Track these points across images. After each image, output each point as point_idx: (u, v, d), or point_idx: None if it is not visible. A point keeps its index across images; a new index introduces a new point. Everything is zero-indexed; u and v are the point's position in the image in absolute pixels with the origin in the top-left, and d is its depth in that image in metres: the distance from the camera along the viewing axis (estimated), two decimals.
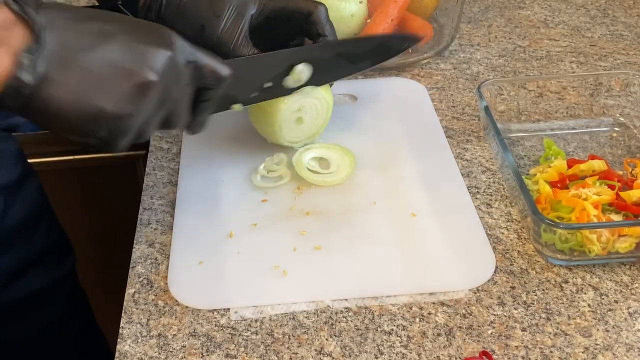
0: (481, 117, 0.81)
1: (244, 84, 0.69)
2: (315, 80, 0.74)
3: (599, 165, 0.73)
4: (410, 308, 0.63)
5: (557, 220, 0.66)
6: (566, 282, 0.65)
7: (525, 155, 0.79)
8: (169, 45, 0.58)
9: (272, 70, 0.71)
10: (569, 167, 0.74)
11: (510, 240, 0.69)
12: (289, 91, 0.73)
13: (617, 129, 0.83)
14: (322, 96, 0.76)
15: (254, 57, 0.71)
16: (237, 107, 0.70)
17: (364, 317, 0.62)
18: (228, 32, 0.72)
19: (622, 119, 0.83)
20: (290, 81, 0.72)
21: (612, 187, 0.70)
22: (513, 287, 0.65)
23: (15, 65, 0.52)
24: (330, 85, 0.78)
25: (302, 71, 0.72)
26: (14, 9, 0.53)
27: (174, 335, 0.62)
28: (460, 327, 0.61)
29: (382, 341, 0.60)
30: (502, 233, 0.70)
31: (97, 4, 0.80)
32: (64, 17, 0.55)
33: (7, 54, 0.52)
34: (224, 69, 0.62)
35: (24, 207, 0.87)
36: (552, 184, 0.71)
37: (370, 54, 0.77)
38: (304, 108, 0.76)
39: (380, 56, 0.78)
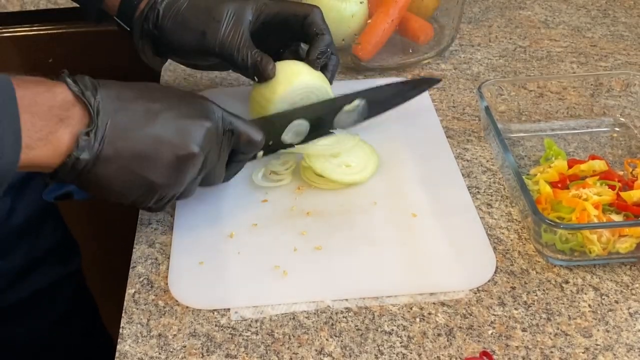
0: (482, 117, 0.81)
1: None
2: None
3: (599, 165, 0.73)
4: (411, 308, 0.63)
5: (558, 221, 0.66)
6: (567, 282, 0.65)
7: (525, 156, 0.79)
8: (210, 117, 0.64)
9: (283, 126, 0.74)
10: (570, 167, 0.74)
11: (511, 240, 0.69)
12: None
13: (617, 129, 0.83)
14: (327, 92, 0.76)
15: (279, 114, 0.75)
16: (259, 155, 0.73)
17: (365, 317, 0.62)
18: (230, 36, 0.73)
19: (622, 119, 0.83)
20: (287, 136, 0.74)
21: (612, 188, 0.70)
22: (513, 288, 0.65)
23: (74, 144, 0.57)
24: (331, 83, 0.79)
25: (299, 125, 0.74)
26: (74, 90, 0.58)
27: (174, 335, 0.62)
28: (460, 327, 0.61)
29: (383, 341, 0.60)
30: (503, 233, 0.70)
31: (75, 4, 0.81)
32: (114, 96, 0.60)
33: (69, 133, 0.57)
34: (257, 135, 0.68)
35: (30, 206, 0.87)
36: (553, 184, 0.71)
37: (388, 100, 0.81)
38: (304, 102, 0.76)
39: (398, 100, 0.82)
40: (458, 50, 0.98)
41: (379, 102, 0.79)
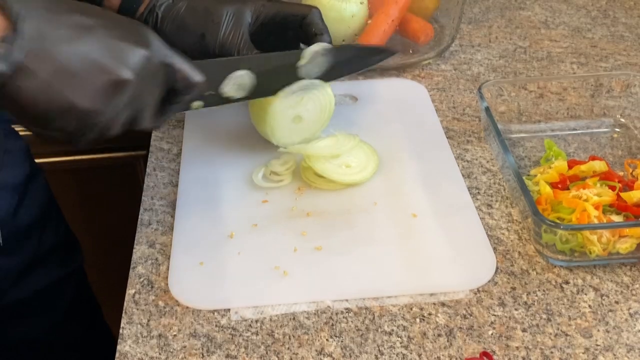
0: (482, 117, 0.81)
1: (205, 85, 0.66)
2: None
3: (599, 166, 0.73)
4: (411, 308, 0.63)
5: (558, 221, 0.66)
6: (567, 282, 0.65)
7: (525, 156, 0.79)
8: (147, 44, 0.58)
9: (223, 73, 0.70)
10: (570, 167, 0.74)
11: (511, 241, 0.69)
12: (228, 100, 0.71)
13: (617, 129, 0.83)
14: (325, 91, 0.76)
15: (219, 60, 0.70)
16: (196, 104, 0.68)
17: (365, 317, 0.62)
18: (229, 38, 0.72)
19: (622, 120, 0.83)
20: (227, 87, 0.70)
21: (612, 188, 0.70)
22: (514, 288, 0.65)
23: None
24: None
25: (242, 76, 0.70)
26: None
27: (175, 335, 0.62)
28: (460, 327, 0.61)
29: (383, 342, 0.60)
30: (503, 234, 0.70)
31: None
32: (43, 6, 0.54)
33: None
34: (196, 75, 0.62)
35: (34, 205, 0.87)
36: (553, 185, 0.72)
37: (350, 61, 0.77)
38: (304, 103, 0.75)
39: (360, 64, 0.78)
40: (458, 51, 0.98)
41: (341, 63, 0.76)
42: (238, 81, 0.70)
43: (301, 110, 0.75)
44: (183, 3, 0.75)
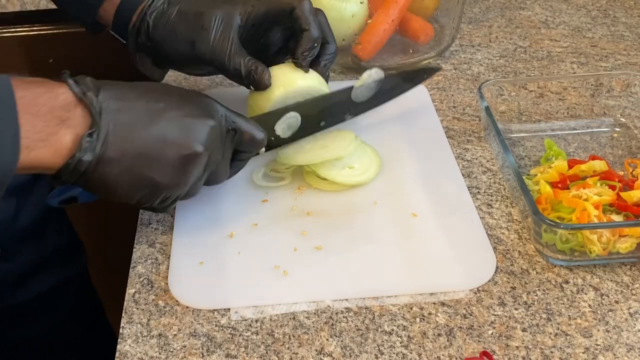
0: (482, 117, 0.81)
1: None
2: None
3: (599, 165, 0.73)
4: (411, 308, 0.63)
5: (558, 221, 0.66)
6: (567, 282, 0.65)
7: (525, 156, 0.79)
8: (213, 116, 0.63)
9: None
10: (570, 167, 0.74)
11: (511, 240, 0.69)
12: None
13: (617, 129, 0.83)
14: (321, 92, 0.76)
15: (276, 111, 0.73)
16: (262, 151, 0.72)
17: (365, 317, 0.62)
18: (219, 43, 0.72)
19: (622, 120, 0.83)
20: (278, 128, 0.73)
21: (612, 188, 0.70)
22: (513, 288, 0.65)
23: (76, 145, 0.57)
24: (327, 76, 0.78)
25: (291, 117, 0.73)
26: (75, 91, 0.57)
27: (175, 335, 0.62)
28: (460, 327, 0.61)
29: (383, 341, 0.60)
30: (503, 233, 0.70)
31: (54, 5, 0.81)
32: (116, 97, 0.60)
33: (71, 135, 0.57)
34: (259, 134, 0.68)
35: (36, 208, 0.87)
36: (553, 185, 0.71)
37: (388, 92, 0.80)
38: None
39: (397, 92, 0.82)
40: (458, 51, 0.98)
41: (382, 91, 0.78)
42: (288, 122, 0.73)
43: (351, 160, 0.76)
44: (173, 9, 0.74)
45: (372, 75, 0.78)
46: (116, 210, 1.12)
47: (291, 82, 0.74)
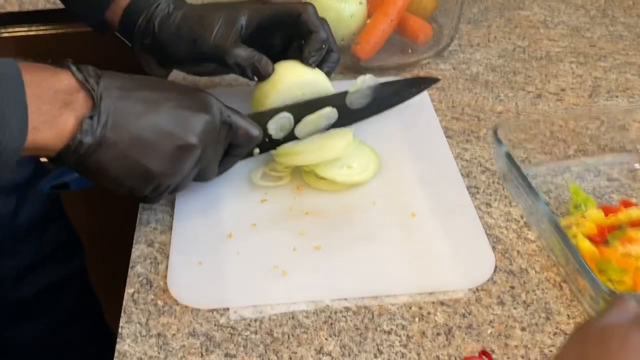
0: (500, 163, 0.75)
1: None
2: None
3: (636, 213, 0.67)
4: (410, 308, 0.63)
5: (612, 287, 0.60)
6: (565, 281, 0.65)
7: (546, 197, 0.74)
8: (209, 110, 0.65)
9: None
10: (605, 215, 0.67)
11: (510, 239, 0.69)
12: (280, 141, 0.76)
13: (636, 165, 0.77)
14: (325, 86, 0.76)
15: (272, 109, 0.75)
16: (255, 152, 0.74)
17: (364, 316, 0.62)
18: (221, 38, 0.73)
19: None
20: (270, 127, 0.74)
21: None
22: (512, 287, 0.65)
23: (77, 128, 0.59)
24: (330, 79, 0.79)
25: (283, 117, 0.74)
26: (78, 77, 0.59)
27: (174, 334, 0.62)
28: (459, 326, 0.61)
29: (382, 341, 0.60)
30: (502, 233, 0.70)
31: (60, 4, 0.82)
32: (117, 85, 0.62)
33: (73, 117, 0.59)
34: (254, 130, 0.69)
35: (35, 206, 0.88)
36: (591, 239, 0.65)
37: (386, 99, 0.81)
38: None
39: (397, 100, 0.83)
40: (457, 51, 0.98)
41: (378, 100, 0.79)
42: (280, 122, 0.74)
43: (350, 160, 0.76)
44: (178, 14, 0.75)
45: (366, 80, 0.78)
46: (116, 209, 1.12)
47: (300, 73, 0.76)
